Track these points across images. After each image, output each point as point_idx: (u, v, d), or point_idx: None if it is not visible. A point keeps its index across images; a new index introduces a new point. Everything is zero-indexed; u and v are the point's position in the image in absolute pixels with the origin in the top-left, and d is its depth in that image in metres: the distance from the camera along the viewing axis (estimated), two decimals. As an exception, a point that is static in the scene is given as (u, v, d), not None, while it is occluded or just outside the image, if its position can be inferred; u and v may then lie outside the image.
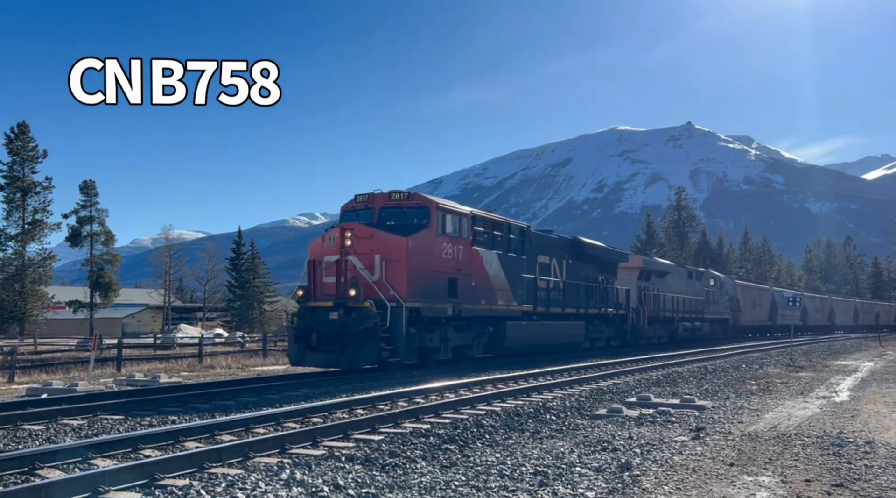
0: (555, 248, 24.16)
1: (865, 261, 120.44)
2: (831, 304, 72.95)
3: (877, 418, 10.79)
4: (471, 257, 18.42)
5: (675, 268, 38.13)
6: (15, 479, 6.21)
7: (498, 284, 19.67)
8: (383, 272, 15.98)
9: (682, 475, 6.72)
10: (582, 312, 25.35)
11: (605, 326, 28.03)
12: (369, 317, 15.29)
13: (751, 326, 52.09)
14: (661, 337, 34.03)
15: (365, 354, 15.37)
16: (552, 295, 23.21)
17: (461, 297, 17.84)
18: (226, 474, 6.41)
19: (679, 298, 36.16)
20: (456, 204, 18.47)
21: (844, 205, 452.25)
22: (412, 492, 5.95)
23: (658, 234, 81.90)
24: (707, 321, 40.47)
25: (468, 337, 18.79)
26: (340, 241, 16.27)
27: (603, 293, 27.53)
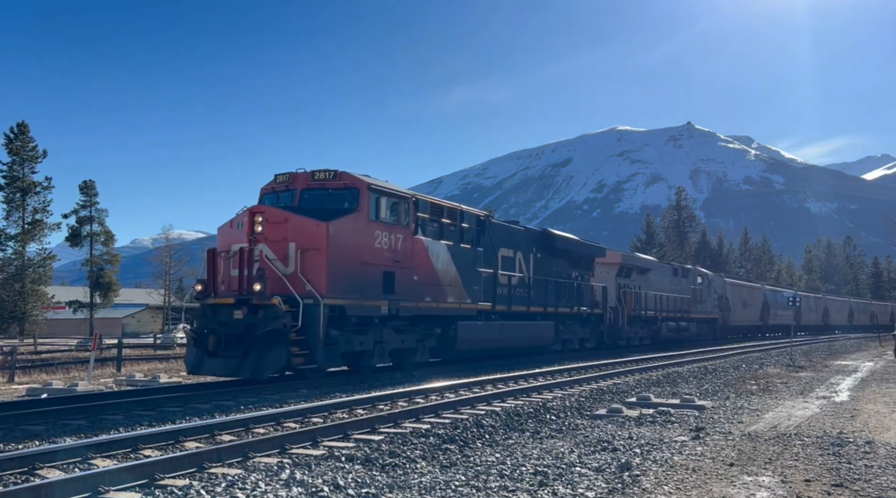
0: (520, 240, 22.08)
1: (865, 261, 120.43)
2: (825, 303, 71.33)
3: (877, 418, 10.79)
4: (413, 248, 16.12)
5: (658, 264, 36.44)
6: (15, 479, 6.21)
7: (447, 280, 17.42)
8: (299, 263, 13.69)
9: (682, 475, 6.73)
10: (551, 311, 23.24)
11: (579, 327, 25.93)
12: (277, 316, 12.91)
13: (741, 327, 49.99)
14: (642, 338, 32.05)
15: (270, 360, 12.92)
16: (516, 292, 21.13)
17: (400, 293, 15.62)
18: (226, 474, 6.41)
19: (663, 297, 34.15)
20: (396, 186, 16.19)
21: (844, 205, 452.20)
22: (412, 492, 5.95)
23: (658, 234, 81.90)
24: (694, 321, 38.45)
25: (411, 339, 16.57)
26: (249, 226, 13.86)
27: (577, 291, 25.42)
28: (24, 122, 53.36)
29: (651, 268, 33.93)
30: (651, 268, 33.93)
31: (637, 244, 75.45)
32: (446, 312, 17.52)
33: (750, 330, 52.51)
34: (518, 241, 21.86)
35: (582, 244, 26.78)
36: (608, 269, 29.67)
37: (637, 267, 32.24)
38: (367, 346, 14.98)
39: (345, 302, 14.17)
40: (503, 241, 20.78)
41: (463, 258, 18.19)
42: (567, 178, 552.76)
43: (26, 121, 53.44)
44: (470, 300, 18.44)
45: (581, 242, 26.81)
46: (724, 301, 44.35)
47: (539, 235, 23.69)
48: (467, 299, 18.34)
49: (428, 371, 16.75)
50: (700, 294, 39.77)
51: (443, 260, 17.31)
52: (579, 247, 26.20)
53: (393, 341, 15.79)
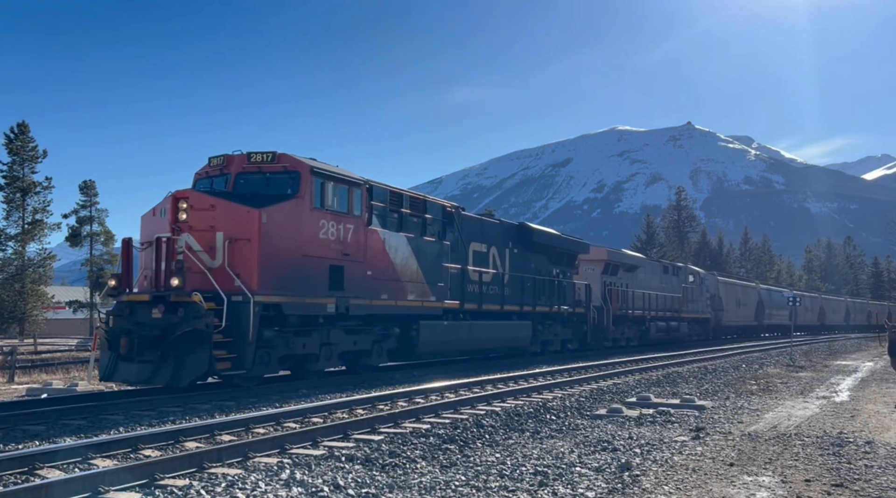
0: (494, 234, 20.70)
1: (865, 261, 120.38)
2: (821, 303, 69.64)
3: (877, 418, 10.79)
4: (366, 240, 14.71)
5: (647, 261, 34.79)
6: (15, 479, 6.21)
7: (408, 275, 16.03)
8: (226, 255, 12.21)
9: (682, 475, 6.72)
10: (528, 311, 21.78)
11: (560, 327, 24.48)
12: (199, 315, 11.34)
13: (735, 327, 48.25)
14: (629, 338, 30.52)
15: (189, 365, 11.31)
16: (489, 290, 19.79)
17: (350, 289, 14.18)
18: (226, 474, 6.42)
19: (651, 296, 32.63)
20: (347, 171, 14.65)
21: (844, 205, 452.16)
22: (412, 492, 5.95)
23: (658, 234, 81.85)
24: (685, 321, 36.81)
25: (365, 341, 15.09)
26: (173, 214, 12.42)
27: (557, 288, 23.88)
28: (25, 122, 53.32)
29: (639, 265, 32.68)
30: (639, 265, 32.68)
31: (637, 244, 75.37)
32: (406, 310, 16.08)
33: (744, 330, 51.00)
34: (492, 235, 20.52)
35: (563, 239, 25.42)
36: (593, 266, 28.44)
37: (624, 264, 30.91)
38: (311, 348, 13.55)
39: (282, 299, 12.72)
40: (474, 235, 19.49)
41: (426, 252, 16.79)
42: (567, 178, 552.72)
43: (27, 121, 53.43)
44: (434, 298, 16.99)
45: (562, 237, 25.45)
46: (716, 300, 43.01)
47: (516, 229, 22.25)
48: (431, 297, 16.89)
49: (428, 371, 16.74)
50: (691, 293, 38.36)
51: (402, 254, 15.89)
52: (560, 242, 24.81)
53: (343, 343, 14.36)
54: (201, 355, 11.41)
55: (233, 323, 11.78)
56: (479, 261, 19.59)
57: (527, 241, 22.29)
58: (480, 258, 19.66)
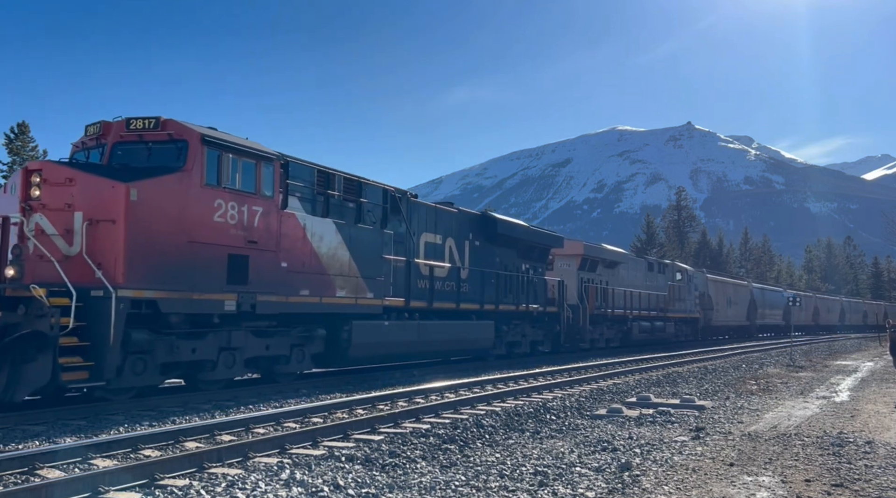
0: (452, 225, 18.77)
1: (865, 261, 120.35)
2: (815, 302, 67.65)
3: (877, 418, 10.80)
4: (280, 226, 12.64)
5: (630, 257, 32.88)
6: (15, 479, 6.21)
7: (336, 268, 13.99)
8: (85, 240, 10.13)
9: (682, 475, 6.73)
10: (490, 309, 19.71)
11: (529, 327, 22.52)
12: (41, 313, 9.25)
13: (725, 327, 46.07)
14: (609, 339, 28.59)
15: (27, 375, 9.16)
16: (444, 286, 17.85)
17: (258, 283, 12.06)
18: (226, 474, 6.42)
19: (634, 294, 30.74)
20: (257, 144, 12.60)
21: (844, 205, 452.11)
22: (412, 492, 5.96)
23: (658, 234, 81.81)
24: (671, 321, 34.64)
25: (281, 344, 12.99)
26: (24, 190, 10.41)
27: (526, 285, 21.99)
28: (25, 122, 53.25)
29: (621, 261, 30.73)
30: (621, 261, 30.73)
31: (637, 244, 75.36)
32: (334, 308, 14.02)
33: (735, 331, 48.92)
34: (448, 225, 18.61)
35: (534, 232, 23.34)
36: (568, 261, 26.67)
37: (603, 260, 29.04)
38: (205, 353, 11.46)
39: (158, 294, 10.53)
40: (427, 225, 17.62)
41: (361, 242, 14.81)
42: (567, 178, 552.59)
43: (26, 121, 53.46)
44: (371, 295, 15.03)
45: (532, 229, 23.41)
46: (706, 299, 40.91)
47: (478, 220, 20.30)
48: (367, 293, 14.92)
49: (428, 371, 16.74)
50: (679, 291, 36.47)
51: (329, 243, 13.89)
52: (530, 235, 22.78)
53: (251, 347, 12.30)
54: (42, 363, 9.23)
55: (91, 324, 9.76)
56: (433, 253, 17.63)
57: (490, 233, 20.36)
58: (434, 251, 17.74)
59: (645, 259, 34.85)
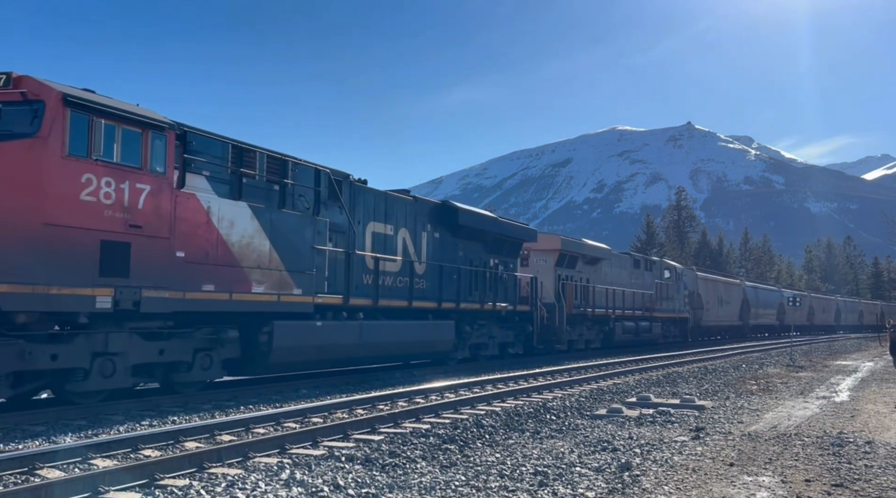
0: (406, 214, 16.97)
1: (865, 261, 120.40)
2: (810, 302, 65.93)
3: (877, 418, 10.80)
4: (175, 208, 10.66)
5: (613, 253, 30.71)
6: (15, 479, 6.21)
7: (252, 259, 12.01)
8: None
9: (682, 475, 6.73)
10: (450, 308, 17.90)
11: (498, 328, 20.74)
12: None
13: (717, 327, 44.16)
14: (589, 341, 26.91)
15: None
16: (394, 282, 16.12)
17: (143, 276, 10.11)
18: (226, 474, 6.42)
19: (618, 292, 28.96)
20: (145, 110, 10.65)
21: (844, 205, 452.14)
22: (412, 492, 5.96)
23: (658, 234, 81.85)
24: (658, 321, 32.95)
25: (179, 349, 11.05)
26: None
27: (493, 282, 20.21)
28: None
29: (603, 257, 28.86)
30: (603, 257, 28.86)
31: (637, 244, 75.40)
32: (249, 307, 12.04)
33: (727, 331, 46.99)
34: (401, 214, 16.79)
35: (503, 224, 21.40)
36: (544, 257, 24.93)
37: (583, 255, 27.19)
38: (72, 360, 9.63)
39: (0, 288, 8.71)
40: (376, 214, 15.89)
41: (286, 230, 12.86)
42: (567, 178, 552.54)
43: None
44: (300, 291, 13.08)
45: (501, 222, 21.48)
46: (696, 298, 39.12)
47: (437, 210, 18.37)
48: (294, 290, 12.98)
49: (428, 371, 16.72)
50: (667, 290, 34.80)
51: (243, 230, 11.90)
52: (499, 227, 20.81)
53: (137, 352, 10.41)
54: None
55: None
56: (382, 246, 15.92)
57: (452, 225, 18.50)
58: (383, 242, 16.02)
59: (630, 256, 33.11)
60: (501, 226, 21.15)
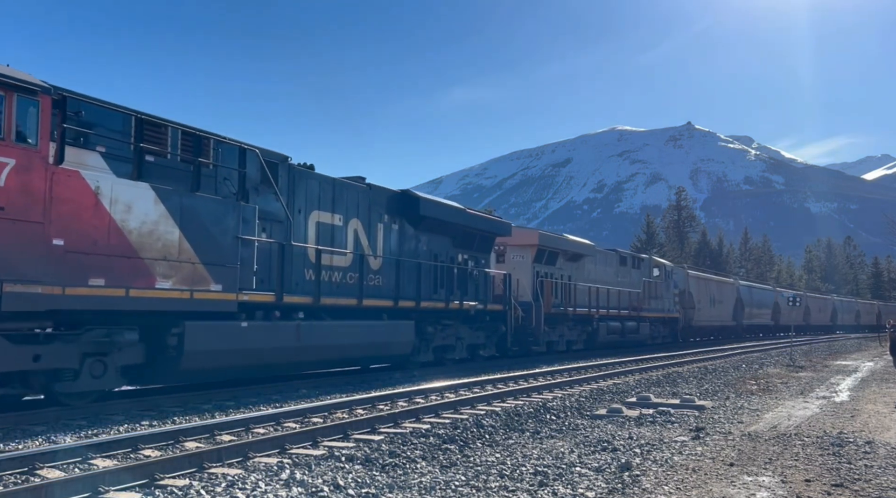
0: (358, 203, 15.37)
1: (865, 261, 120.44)
2: (806, 301, 63.50)
3: (877, 418, 10.80)
4: (52, 187, 9.14)
5: (597, 250, 29.25)
6: (15, 479, 6.21)
7: (156, 249, 10.40)
8: None
9: (682, 475, 6.73)
10: (409, 307, 16.29)
11: (467, 329, 18.97)
12: None
13: (709, 327, 42.40)
14: (571, 342, 25.53)
15: None
16: (343, 278, 14.58)
17: (3, 267, 8.59)
18: (226, 474, 6.42)
19: (602, 290, 27.45)
20: (11, 69, 9.11)
21: (844, 205, 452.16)
22: (412, 492, 5.96)
23: (658, 234, 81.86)
24: (646, 321, 31.45)
25: (60, 354, 9.41)
26: None
27: (460, 279, 18.66)
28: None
29: (586, 253, 27.34)
30: (586, 253, 27.34)
31: (637, 244, 75.38)
32: (152, 304, 10.38)
33: (720, 331, 45.37)
34: (353, 203, 15.21)
35: (472, 216, 19.86)
36: (521, 252, 23.48)
37: (564, 251, 25.59)
38: None
39: None
40: (321, 202, 14.29)
41: (202, 217, 11.18)
42: (567, 178, 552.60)
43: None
44: (219, 287, 11.38)
45: (470, 214, 19.87)
46: (686, 297, 37.54)
47: (397, 200, 16.76)
48: (212, 285, 11.27)
49: (428, 371, 16.71)
50: (655, 288, 33.25)
51: (144, 215, 10.24)
52: (467, 219, 19.24)
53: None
54: None
55: None
56: (328, 237, 14.39)
57: (413, 216, 17.02)
58: (330, 234, 14.46)
59: (617, 252, 31.52)
60: (471, 218, 19.55)
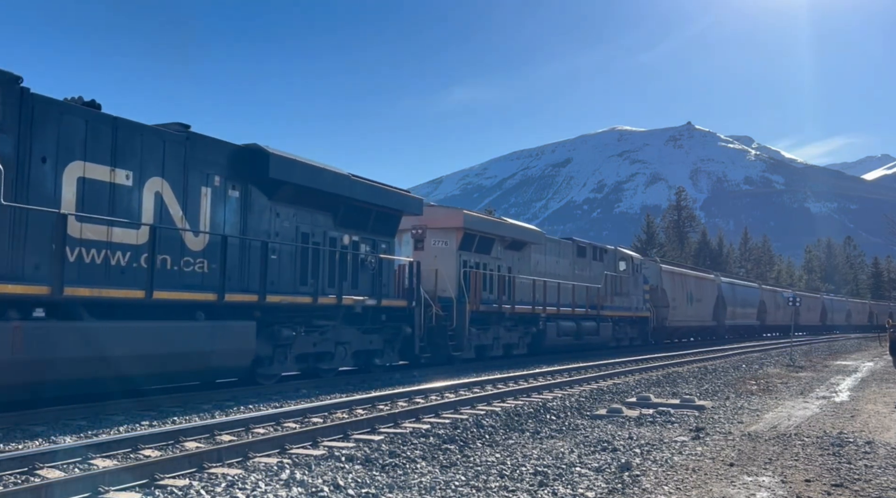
0: (165, 157, 11.16)
1: (865, 261, 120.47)
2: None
3: (877, 418, 10.80)
4: None
5: (548, 238, 25.27)
6: (15, 479, 6.21)
7: None
8: None
9: (682, 475, 6.73)
10: (246, 301, 12.08)
11: (353, 331, 14.78)
12: None
13: (685, 328, 38.62)
14: (512, 345, 21.52)
15: None
16: (133, 260, 10.47)
17: None
18: (226, 474, 6.42)
19: (551, 285, 23.49)
20: None
21: (844, 205, 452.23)
22: (412, 492, 5.96)
23: (658, 234, 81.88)
24: (608, 321, 27.48)
25: None
26: None
27: (344, 266, 14.73)
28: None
29: (532, 241, 23.45)
30: (532, 241, 23.45)
31: (637, 244, 75.37)
32: None
33: (699, 332, 41.80)
34: (154, 156, 10.96)
35: (364, 187, 15.17)
36: (444, 237, 19.49)
37: (501, 238, 21.64)
38: None
39: None
40: (91, 149, 10.07)
41: None
42: (567, 178, 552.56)
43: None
44: None
45: (360, 183, 15.14)
46: (659, 294, 33.93)
47: (240, 157, 12.49)
48: None
49: (428, 371, 16.70)
50: (621, 284, 29.58)
51: None
52: (356, 191, 14.86)
53: None
54: None
55: None
56: (103, 201, 10.23)
57: (263, 181, 12.78)
58: (107, 196, 10.29)
59: (574, 242, 27.26)
60: (362, 190, 15.08)
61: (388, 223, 16.48)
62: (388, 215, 16.34)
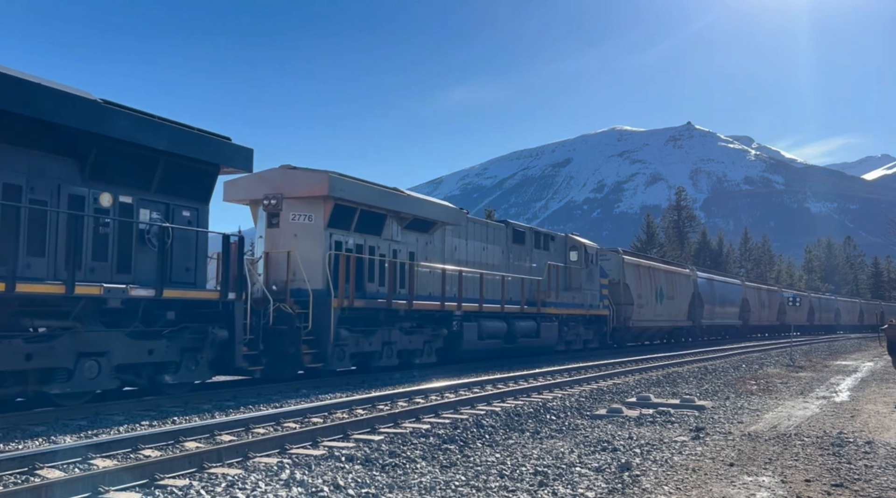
0: None
1: (865, 261, 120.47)
2: (780, 299, 58.05)
3: (877, 418, 10.80)
4: None
5: (471, 219, 21.00)
6: (15, 479, 6.21)
7: None
8: None
9: (682, 475, 6.73)
10: None
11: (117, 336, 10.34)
12: None
13: (654, 329, 33.82)
14: (415, 351, 17.27)
15: None
16: None
17: None
18: (226, 474, 6.42)
19: (470, 277, 19.35)
20: None
21: (844, 205, 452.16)
22: (412, 492, 5.96)
23: (658, 234, 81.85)
24: (553, 320, 23.62)
25: None
26: None
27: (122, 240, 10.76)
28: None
29: (446, 221, 19.04)
30: (446, 221, 19.04)
31: (637, 244, 75.37)
32: None
33: (671, 334, 37.04)
34: None
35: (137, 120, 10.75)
36: (306, 210, 15.10)
37: (397, 214, 17.16)
38: None
39: None
40: None
41: None
42: (567, 178, 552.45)
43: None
44: None
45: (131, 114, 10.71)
46: (621, 290, 29.72)
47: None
48: None
49: (428, 371, 16.70)
50: (570, 277, 25.36)
51: None
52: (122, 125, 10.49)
53: None
54: None
55: None
56: None
57: None
58: None
59: (509, 225, 22.90)
60: (128, 124, 10.59)
61: (193, 181, 11.81)
62: (191, 169, 11.69)
